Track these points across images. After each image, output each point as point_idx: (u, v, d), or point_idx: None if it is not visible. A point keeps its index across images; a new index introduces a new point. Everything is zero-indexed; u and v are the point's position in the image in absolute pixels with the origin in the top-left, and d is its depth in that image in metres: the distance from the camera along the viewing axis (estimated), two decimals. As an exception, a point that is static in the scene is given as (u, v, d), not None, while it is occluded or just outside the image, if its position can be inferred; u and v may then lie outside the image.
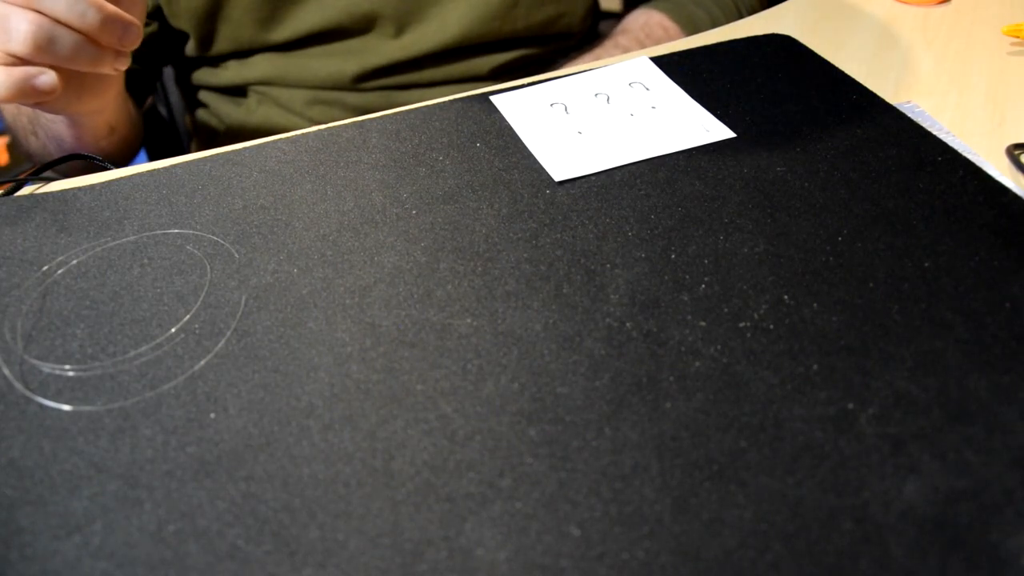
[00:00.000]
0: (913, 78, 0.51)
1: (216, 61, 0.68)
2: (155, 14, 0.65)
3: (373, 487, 0.29)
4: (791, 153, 0.43)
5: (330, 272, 0.38)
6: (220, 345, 0.34)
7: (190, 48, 0.68)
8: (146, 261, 0.39)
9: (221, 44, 0.65)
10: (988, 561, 0.26)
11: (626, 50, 0.67)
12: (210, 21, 0.64)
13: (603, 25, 0.77)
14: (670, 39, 0.68)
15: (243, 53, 0.66)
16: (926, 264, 0.36)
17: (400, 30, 0.64)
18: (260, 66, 0.66)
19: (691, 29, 0.69)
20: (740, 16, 0.72)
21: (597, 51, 0.67)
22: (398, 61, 0.64)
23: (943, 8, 0.58)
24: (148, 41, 0.65)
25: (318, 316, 0.35)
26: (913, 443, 0.29)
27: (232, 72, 0.68)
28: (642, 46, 0.67)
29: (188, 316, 0.36)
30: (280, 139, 0.47)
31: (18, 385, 0.33)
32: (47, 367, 0.34)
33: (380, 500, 0.28)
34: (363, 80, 0.65)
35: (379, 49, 0.64)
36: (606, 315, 0.35)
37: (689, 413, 0.31)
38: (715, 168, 0.43)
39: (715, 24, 0.70)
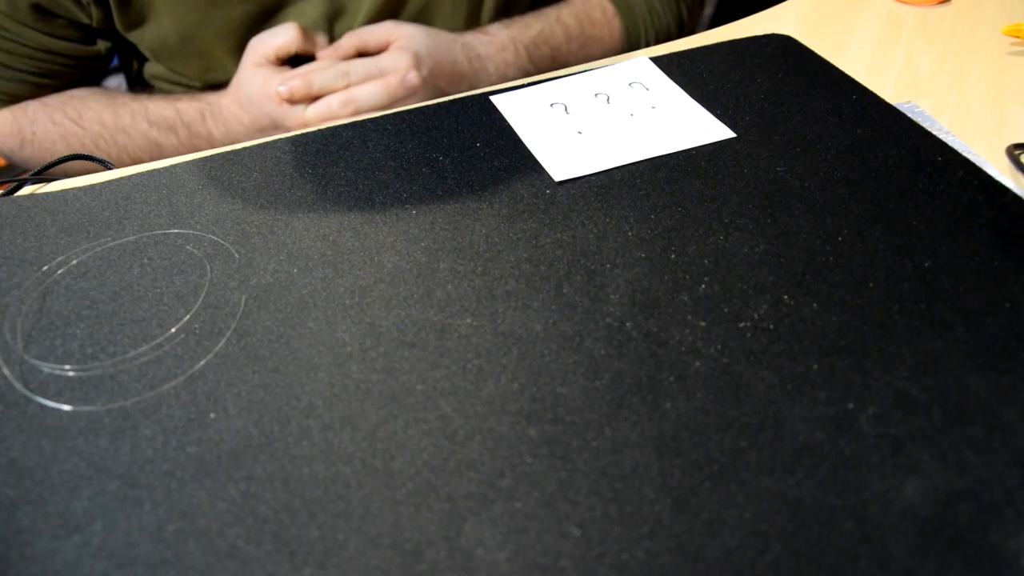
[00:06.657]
0: (913, 78, 0.51)
1: (187, 85, 0.67)
2: (107, 34, 0.64)
3: (373, 487, 0.29)
4: (791, 153, 0.43)
5: (330, 272, 0.38)
6: (220, 345, 0.34)
7: (158, 71, 0.67)
8: (146, 261, 0.39)
9: (192, 72, 0.65)
10: (988, 561, 0.26)
11: (565, 26, 0.68)
12: (181, 54, 0.63)
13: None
14: (607, 21, 0.69)
15: (217, 85, 0.65)
16: (926, 264, 0.36)
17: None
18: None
19: (628, 14, 0.70)
20: (679, 13, 0.73)
21: (530, 17, 0.67)
22: None
23: (943, 8, 0.58)
24: (92, 59, 0.65)
25: (318, 316, 0.35)
26: (913, 443, 0.29)
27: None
28: (580, 24, 0.68)
29: (188, 316, 0.36)
30: (280, 139, 0.47)
31: (18, 385, 0.33)
32: (47, 367, 0.34)
33: (380, 500, 0.28)
34: None
35: None
36: (606, 315, 0.35)
37: (689, 413, 0.31)
38: (715, 168, 0.43)
39: (651, 12, 0.71)
